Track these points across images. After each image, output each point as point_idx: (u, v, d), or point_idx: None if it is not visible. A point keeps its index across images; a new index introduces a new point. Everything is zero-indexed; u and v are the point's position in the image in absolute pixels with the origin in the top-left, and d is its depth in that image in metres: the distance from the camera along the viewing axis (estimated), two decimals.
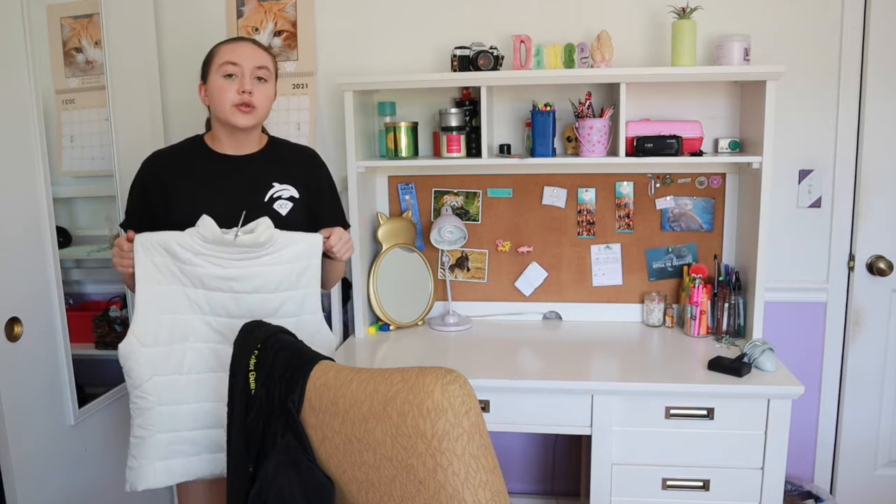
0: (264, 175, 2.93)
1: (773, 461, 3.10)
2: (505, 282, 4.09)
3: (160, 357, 2.70)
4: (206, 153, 2.93)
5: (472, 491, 1.83)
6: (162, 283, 2.68)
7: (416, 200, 4.09)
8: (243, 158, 2.93)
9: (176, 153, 2.97)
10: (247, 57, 2.82)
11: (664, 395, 3.12)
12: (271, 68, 2.91)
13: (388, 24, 3.95)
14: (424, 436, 1.86)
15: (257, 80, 2.83)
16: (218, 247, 2.66)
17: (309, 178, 3.02)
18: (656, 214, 3.91)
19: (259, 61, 2.84)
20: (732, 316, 3.68)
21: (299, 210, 2.94)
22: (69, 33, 3.54)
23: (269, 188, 2.91)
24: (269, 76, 2.89)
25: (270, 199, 2.89)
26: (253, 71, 2.81)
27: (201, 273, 2.68)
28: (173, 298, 2.71)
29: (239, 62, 2.80)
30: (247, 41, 2.92)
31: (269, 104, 2.92)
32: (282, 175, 2.95)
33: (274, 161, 2.98)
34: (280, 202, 2.90)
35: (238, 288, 2.71)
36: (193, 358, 2.74)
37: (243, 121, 2.81)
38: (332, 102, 4.02)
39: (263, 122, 2.96)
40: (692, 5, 3.47)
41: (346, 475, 2.09)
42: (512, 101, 3.91)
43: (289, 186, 2.94)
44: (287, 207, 2.91)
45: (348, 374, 2.10)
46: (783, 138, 3.72)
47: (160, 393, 2.70)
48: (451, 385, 1.87)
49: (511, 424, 3.28)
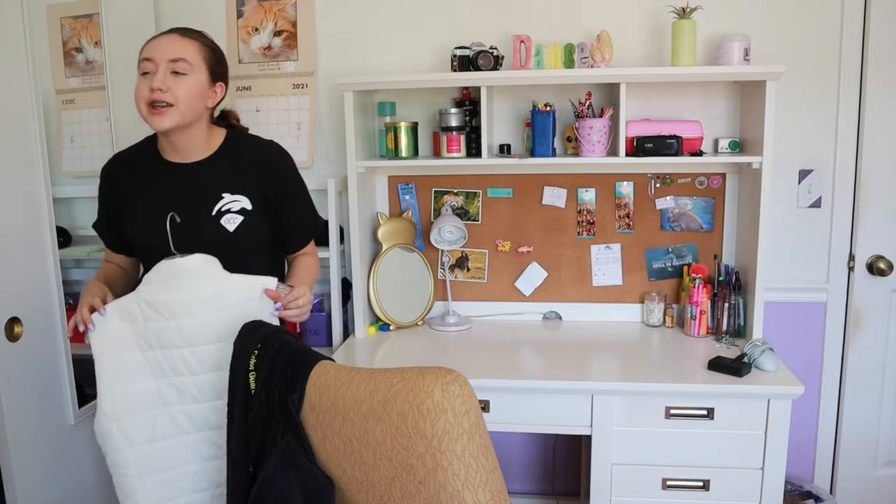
0: (213, 185, 2.68)
1: (773, 461, 3.10)
2: (505, 282, 4.09)
3: (132, 429, 2.54)
4: (157, 161, 2.72)
5: (472, 491, 1.83)
6: (119, 352, 2.54)
7: (416, 200, 4.08)
8: (192, 167, 2.70)
9: (131, 160, 2.77)
10: (161, 50, 2.55)
11: (664, 395, 3.12)
12: (192, 59, 2.58)
13: (389, 25, 3.95)
14: (424, 436, 1.86)
15: (174, 74, 2.54)
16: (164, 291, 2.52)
17: (265, 184, 2.74)
18: (656, 214, 3.91)
19: (175, 53, 2.55)
20: (732, 316, 3.68)
21: (253, 223, 2.71)
22: (69, 33, 3.54)
23: (219, 200, 2.67)
24: (191, 68, 2.57)
25: (218, 212, 2.66)
26: (168, 65, 2.53)
27: (155, 329, 2.52)
28: (134, 366, 2.55)
29: (152, 57, 2.54)
30: (171, 32, 2.63)
31: (193, 99, 2.59)
32: (233, 183, 2.69)
33: (225, 167, 2.71)
34: (229, 216, 2.66)
35: (193, 338, 2.52)
36: (165, 423, 2.57)
37: (158, 123, 2.54)
38: (332, 102, 4.02)
39: (192, 120, 2.62)
40: (692, 5, 3.47)
41: (346, 475, 2.09)
42: (512, 101, 3.91)
43: (240, 197, 2.69)
44: (236, 222, 2.67)
45: (348, 374, 2.10)
46: (783, 138, 3.72)
47: (138, 465, 2.56)
48: (451, 385, 1.88)
49: (511, 424, 3.28)
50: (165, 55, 2.53)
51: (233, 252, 2.65)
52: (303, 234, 2.93)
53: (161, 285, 2.51)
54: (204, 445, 2.58)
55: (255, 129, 3.93)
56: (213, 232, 2.63)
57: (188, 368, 2.54)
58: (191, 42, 2.60)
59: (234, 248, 2.66)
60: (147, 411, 2.55)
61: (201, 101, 2.62)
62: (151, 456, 2.56)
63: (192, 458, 2.60)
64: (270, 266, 2.85)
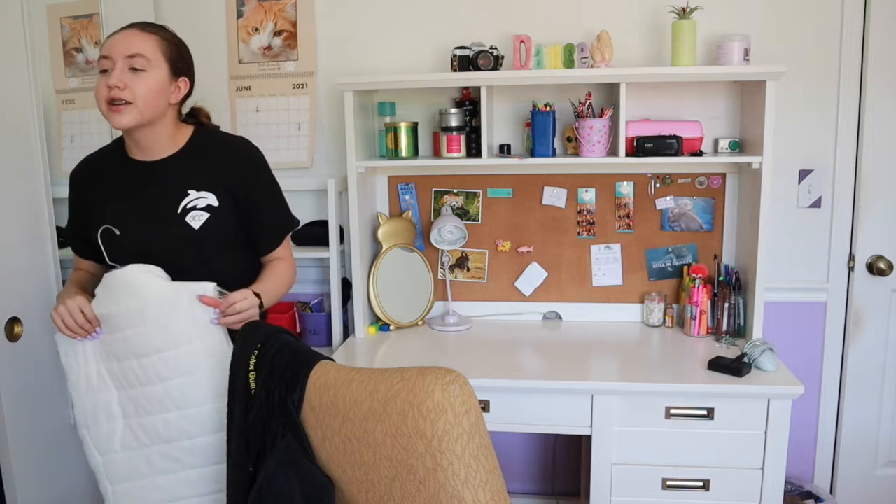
0: (179, 182, 2.61)
1: (773, 461, 3.10)
2: (505, 282, 4.09)
3: (99, 437, 2.55)
4: (124, 161, 2.66)
5: (472, 491, 1.83)
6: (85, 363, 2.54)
7: (416, 200, 4.08)
8: (158, 164, 2.63)
9: (98, 162, 2.72)
10: (118, 46, 2.47)
11: (664, 395, 3.12)
12: (150, 54, 2.50)
13: (389, 25, 3.95)
14: (424, 436, 1.86)
15: (132, 71, 2.46)
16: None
17: (231, 179, 2.66)
18: (656, 214, 3.91)
19: (132, 48, 2.46)
20: (732, 316, 3.68)
21: (219, 220, 2.63)
22: (69, 33, 3.55)
23: (184, 197, 2.60)
24: (150, 64, 2.49)
25: (184, 209, 2.58)
26: (125, 61, 2.45)
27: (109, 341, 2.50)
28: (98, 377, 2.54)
29: (110, 54, 2.45)
30: (129, 27, 2.55)
31: (153, 96, 2.51)
32: (199, 180, 2.62)
33: (192, 163, 2.64)
34: (194, 213, 2.59)
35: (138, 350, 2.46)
36: (127, 435, 2.54)
37: (117, 121, 2.47)
38: (332, 102, 4.02)
39: (153, 117, 2.54)
40: (692, 5, 3.47)
41: (346, 475, 2.09)
42: (512, 101, 3.91)
43: (206, 193, 2.61)
44: (201, 219, 2.60)
45: (348, 374, 2.11)
46: (783, 138, 3.72)
47: (109, 473, 2.57)
48: (451, 385, 1.88)
49: (511, 424, 3.28)
50: (122, 51, 2.45)
51: (199, 250, 2.61)
52: (273, 234, 2.82)
53: (105, 299, 2.49)
54: (160, 459, 2.53)
55: (255, 128, 3.97)
56: (179, 230, 2.57)
57: (138, 380, 2.49)
58: (149, 37, 2.52)
59: (200, 246, 2.60)
60: (112, 421, 2.54)
61: (162, 98, 2.55)
62: (120, 465, 2.55)
63: (151, 471, 2.56)
64: (244, 268, 2.78)
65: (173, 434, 2.49)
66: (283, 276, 2.80)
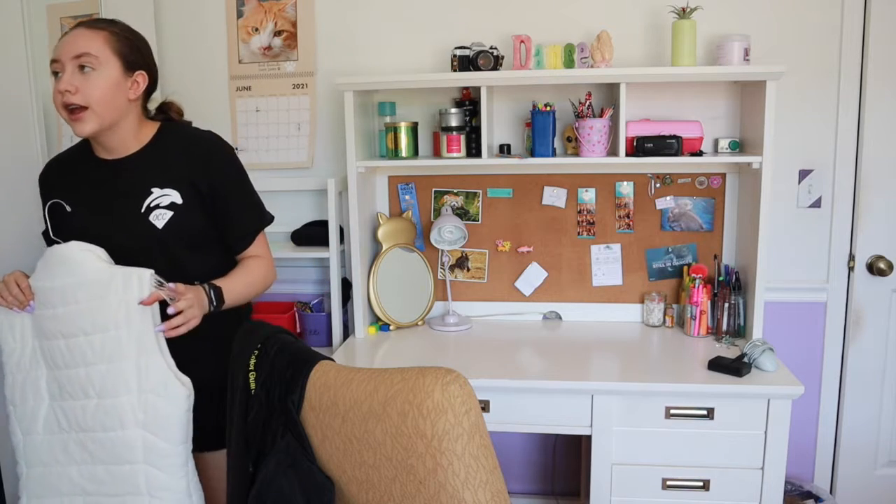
0: (142, 179, 2.50)
1: (773, 461, 3.10)
2: (505, 282, 4.09)
3: (23, 417, 2.46)
4: (89, 160, 2.56)
5: (472, 491, 1.83)
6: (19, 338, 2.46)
7: (416, 200, 4.09)
8: (120, 162, 2.52)
9: (65, 163, 2.63)
10: (65, 47, 2.36)
11: (664, 395, 3.12)
12: (98, 52, 2.37)
13: (389, 25, 3.95)
14: (424, 436, 1.86)
15: (80, 69, 2.35)
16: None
17: (197, 175, 2.54)
18: (656, 214, 3.92)
19: (78, 48, 2.34)
20: (732, 316, 3.68)
21: (184, 219, 2.52)
22: None
23: (148, 195, 2.49)
24: (98, 62, 2.36)
25: (147, 208, 2.47)
26: (73, 62, 2.34)
27: (40, 316, 2.41)
28: (28, 354, 2.45)
29: (58, 57, 2.35)
30: (77, 27, 2.42)
31: (109, 96, 2.39)
32: (162, 176, 2.51)
33: (156, 160, 2.53)
34: (157, 212, 2.48)
35: (66, 330, 2.36)
36: (49, 418, 2.45)
37: (79, 129, 2.37)
38: (332, 102, 4.02)
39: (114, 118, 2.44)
40: (692, 5, 3.48)
41: (346, 475, 2.10)
42: (512, 101, 3.91)
43: (170, 191, 2.50)
44: (165, 218, 2.48)
45: (348, 374, 2.11)
46: (783, 138, 3.73)
47: (25, 455, 2.47)
48: (451, 385, 1.88)
49: (511, 424, 3.28)
50: (69, 52, 2.34)
51: (164, 250, 2.50)
52: (242, 231, 2.66)
53: (42, 272, 2.40)
54: (75, 447, 2.43)
55: (256, 128, 3.98)
56: (142, 229, 2.47)
57: (64, 361, 2.39)
58: (97, 34, 2.39)
59: (165, 245, 2.50)
60: (38, 401, 2.45)
61: (119, 96, 2.43)
62: (38, 447, 2.46)
63: (66, 460, 2.45)
64: (217, 267, 2.63)
65: (89, 423, 2.37)
66: (254, 272, 2.66)
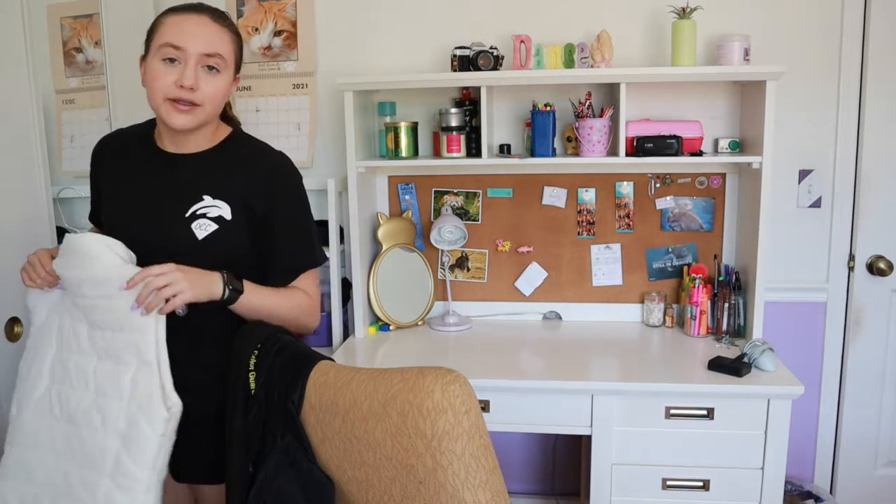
0: (198, 182, 2.33)
1: (773, 461, 3.11)
2: (505, 282, 4.10)
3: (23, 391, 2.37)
4: (148, 145, 2.39)
5: (472, 491, 1.84)
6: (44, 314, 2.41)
7: (416, 200, 4.10)
8: (183, 158, 2.36)
9: (126, 138, 2.47)
10: (194, 38, 2.18)
11: (664, 395, 3.13)
12: (227, 55, 2.26)
13: (389, 24, 3.96)
14: (424, 436, 1.88)
15: (206, 69, 2.21)
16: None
17: (253, 195, 2.35)
18: (656, 214, 3.93)
19: (211, 46, 2.20)
20: (732, 316, 3.69)
21: (227, 237, 2.34)
22: (69, 33, 3.56)
23: (198, 200, 2.31)
24: (225, 65, 2.26)
25: (193, 214, 2.30)
26: (200, 59, 2.19)
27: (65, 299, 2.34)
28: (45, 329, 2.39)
29: (183, 45, 2.16)
30: (201, 13, 2.24)
31: (220, 100, 2.30)
32: (218, 186, 2.34)
33: (218, 165, 2.36)
34: (201, 221, 2.30)
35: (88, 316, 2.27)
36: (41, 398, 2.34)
37: (179, 121, 2.22)
38: (332, 102, 4.03)
39: (213, 116, 2.34)
40: (692, 5, 3.49)
41: (346, 475, 2.10)
42: (512, 101, 3.92)
43: (221, 203, 2.32)
44: (208, 230, 2.31)
45: (348, 374, 2.11)
46: (783, 138, 3.72)
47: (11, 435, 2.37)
48: (451, 385, 1.89)
49: (511, 424, 3.29)
50: (199, 47, 2.18)
51: (195, 262, 2.25)
52: (287, 265, 2.46)
53: (62, 260, 2.29)
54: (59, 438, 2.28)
55: (255, 128, 3.96)
56: (180, 234, 2.30)
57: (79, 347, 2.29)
58: (224, 32, 2.26)
59: (198, 258, 2.27)
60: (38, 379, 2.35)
61: (225, 99, 2.34)
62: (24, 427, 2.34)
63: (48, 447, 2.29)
64: None
65: (80, 417, 2.24)
66: (290, 297, 2.44)
